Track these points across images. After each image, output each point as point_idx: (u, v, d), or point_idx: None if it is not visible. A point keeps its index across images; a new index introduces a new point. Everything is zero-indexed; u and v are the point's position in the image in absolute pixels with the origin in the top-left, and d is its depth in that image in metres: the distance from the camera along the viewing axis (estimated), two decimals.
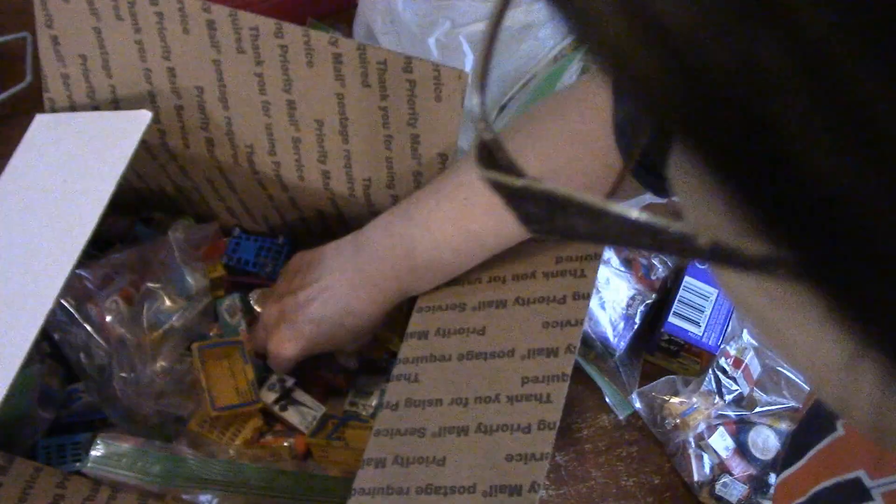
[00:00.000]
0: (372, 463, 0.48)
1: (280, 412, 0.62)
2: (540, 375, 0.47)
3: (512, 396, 0.47)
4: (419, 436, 0.48)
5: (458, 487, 0.44)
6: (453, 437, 0.47)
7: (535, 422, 0.45)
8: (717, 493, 0.63)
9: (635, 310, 0.68)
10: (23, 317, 0.50)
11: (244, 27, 0.52)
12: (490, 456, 0.45)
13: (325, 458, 0.59)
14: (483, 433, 0.46)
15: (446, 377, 0.50)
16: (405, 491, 0.46)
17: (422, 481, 0.46)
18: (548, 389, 0.46)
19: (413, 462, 0.47)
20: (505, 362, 0.49)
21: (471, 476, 0.44)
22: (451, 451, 0.46)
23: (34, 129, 0.59)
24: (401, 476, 0.47)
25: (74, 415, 0.60)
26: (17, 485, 0.47)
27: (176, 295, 0.62)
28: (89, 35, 0.57)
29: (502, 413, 0.47)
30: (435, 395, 0.50)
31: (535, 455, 0.43)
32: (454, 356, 0.51)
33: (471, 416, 0.47)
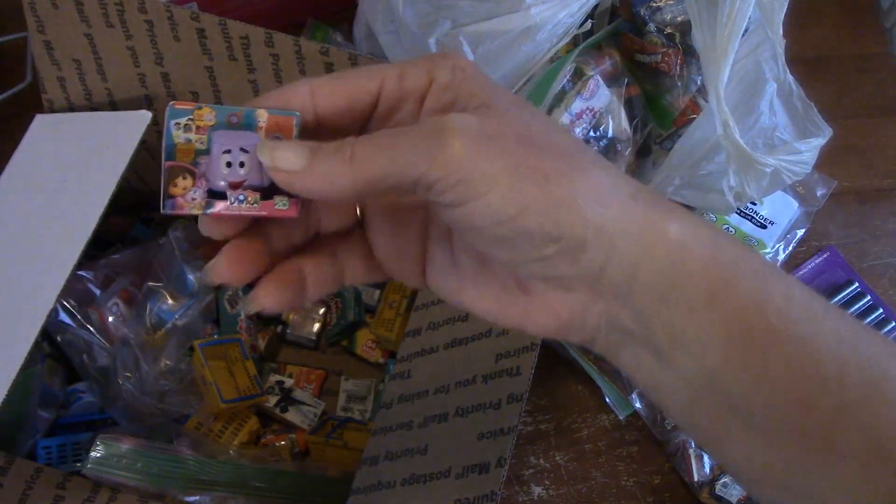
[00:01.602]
0: (368, 462, 0.49)
1: (281, 414, 0.62)
2: (511, 349, 0.47)
3: (486, 375, 0.47)
4: (407, 429, 0.49)
5: (436, 473, 0.44)
6: (435, 424, 0.47)
7: (504, 396, 0.45)
8: (717, 493, 0.63)
9: None
10: (23, 317, 0.50)
11: (234, 36, 0.52)
12: (465, 437, 0.45)
13: (322, 457, 0.59)
14: (460, 416, 0.46)
15: (433, 368, 0.51)
16: (392, 484, 0.46)
17: (406, 472, 0.46)
18: (518, 362, 0.46)
19: (400, 455, 0.47)
20: (482, 342, 0.49)
21: (448, 460, 0.44)
22: (433, 438, 0.47)
23: (34, 129, 0.59)
24: (390, 470, 0.47)
25: (74, 415, 0.61)
26: (17, 485, 0.47)
27: (178, 294, 0.63)
28: (81, 40, 0.57)
29: (477, 393, 0.46)
30: (423, 388, 0.50)
31: (504, 429, 0.43)
32: (441, 346, 0.51)
33: (451, 401, 0.47)
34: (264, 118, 0.28)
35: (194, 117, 0.28)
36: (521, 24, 0.65)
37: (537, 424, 0.68)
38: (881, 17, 0.94)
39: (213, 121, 0.28)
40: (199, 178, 0.28)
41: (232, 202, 0.28)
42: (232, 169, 0.28)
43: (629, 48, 0.75)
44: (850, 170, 0.82)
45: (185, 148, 0.28)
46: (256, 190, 0.29)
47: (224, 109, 0.28)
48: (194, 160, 0.28)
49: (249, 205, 0.28)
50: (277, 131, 0.28)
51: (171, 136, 0.28)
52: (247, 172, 0.28)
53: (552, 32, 0.67)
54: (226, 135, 0.28)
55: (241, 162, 0.28)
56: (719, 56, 0.67)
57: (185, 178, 0.28)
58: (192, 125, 0.28)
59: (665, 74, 0.74)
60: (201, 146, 0.28)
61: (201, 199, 0.28)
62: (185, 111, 0.28)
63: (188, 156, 0.28)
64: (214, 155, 0.28)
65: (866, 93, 0.87)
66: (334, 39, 0.81)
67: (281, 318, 0.68)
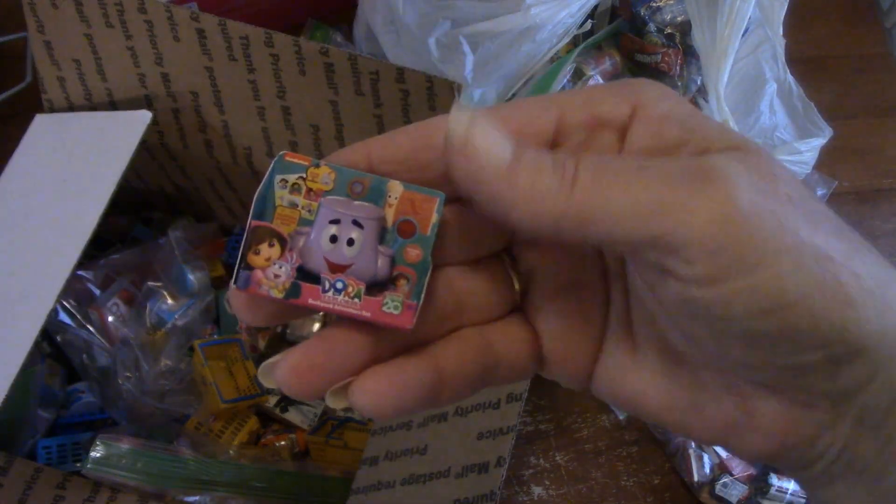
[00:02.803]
0: (367, 462, 0.49)
1: (281, 414, 0.62)
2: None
3: None
4: (407, 429, 0.48)
5: (436, 473, 0.44)
6: (434, 424, 0.47)
7: (504, 395, 0.44)
8: (717, 493, 0.63)
9: None
10: (23, 317, 0.50)
11: (234, 36, 0.52)
12: (465, 437, 0.45)
13: (322, 457, 0.59)
14: (460, 416, 0.46)
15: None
16: (392, 484, 0.46)
17: (406, 472, 0.46)
18: None
19: (400, 455, 0.47)
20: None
21: (447, 460, 0.44)
22: (432, 438, 0.47)
23: (34, 129, 0.59)
24: (389, 470, 0.47)
25: (75, 415, 0.60)
26: (17, 485, 0.47)
27: (178, 294, 0.63)
28: (81, 41, 0.57)
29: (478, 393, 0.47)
30: None
31: (503, 429, 0.43)
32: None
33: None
34: (397, 193, 0.22)
35: (307, 176, 0.22)
36: (521, 24, 0.65)
37: (537, 424, 0.67)
38: (881, 17, 0.94)
39: (329, 185, 0.22)
40: (291, 250, 0.22)
41: (326, 290, 0.22)
42: (336, 246, 0.22)
43: (629, 48, 0.75)
44: (850, 170, 0.82)
45: (286, 213, 0.22)
46: (362, 281, 0.22)
47: (346, 172, 0.22)
48: (295, 231, 0.22)
49: (348, 299, 0.22)
50: (411, 213, 0.22)
51: (272, 194, 0.22)
52: (355, 254, 0.22)
53: (552, 32, 0.67)
54: (339, 202, 0.22)
55: (351, 239, 0.22)
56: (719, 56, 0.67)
57: (272, 246, 0.22)
58: (303, 186, 0.22)
59: (665, 74, 0.74)
60: (308, 215, 0.22)
61: (286, 279, 0.22)
62: (298, 166, 0.22)
63: (290, 224, 0.22)
64: (318, 223, 0.22)
65: (866, 93, 0.87)
66: (334, 39, 0.81)
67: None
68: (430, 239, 0.22)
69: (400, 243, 0.22)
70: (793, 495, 0.62)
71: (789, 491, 0.62)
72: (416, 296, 0.22)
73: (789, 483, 0.63)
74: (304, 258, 0.22)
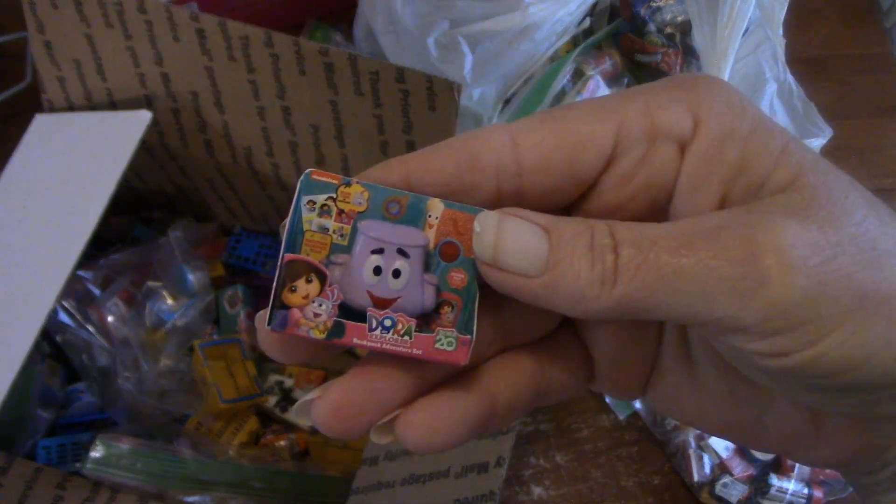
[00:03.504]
0: (367, 462, 0.49)
1: (281, 414, 0.62)
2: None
3: None
4: None
5: (435, 472, 0.44)
6: None
7: None
8: (717, 493, 0.63)
9: None
10: (23, 317, 0.50)
11: (234, 36, 0.52)
12: None
13: (322, 457, 0.59)
14: None
15: None
16: (391, 484, 0.46)
17: (406, 472, 0.46)
18: None
19: (399, 455, 0.47)
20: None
21: (446, 460, 0.44)
22: None
23: (34, 129, 0.59)
24: (389, 470, 0.47)
25: (74, 415, 0.60)
26: (17, 485, 0.47)
27: (178, 293, 0.63)
28: (81, 41, 0.57)
29: None
30: None
31: (502, 429, 0.43)
32: None
33: None
34: (438, 212, 0.20)
35: (338, 196, 0.20)
36: (519, 23, 0.65)
37: (537, 424, 0.67)
38: (881, 17, 0.94)
39: (363, 205, 0.20)
40: (331, 286, 0.20)
41: (373, 328, 0.20)
42: (381, 279, 0.20)
43: (629, 48, 0.75)
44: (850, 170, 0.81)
45: (317, 240, 0.20)
46: (412, 316, 0.20)
47: (381, 191, 0.20)
48: (327, 259, 0.20)
49: (398, 337, 0.20)
50: (454, 234, 0.20)
51: (299, 218, 0.20)
52: (402, 287, 0.20)
53: (551, 31, 0.67)
54: (379, 226, 0.20)
55: (397, 270, 0.20)
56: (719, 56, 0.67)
57: (310, 282, 0.20)
58: (333, 207, 0.20)
59: (665, 74, 0.74)
60: (341, 240, 0.20)
61: (327, 318, 0.20)
62: (327, 186, 0.20)
63: (320, 251, 0.20)
64: (358, 254, 0.20)
65: (866, 93, 0.87)
66: (334, 39, 0.81)
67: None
68: (474, 262, 0.20)
69: (443, 267, 0.20)
70: (793, 495, 0.62)
71: (789, 491, 0.62)
72: (464, 325, 0.20)
73: (789, 483, 0.63)
74: (345, 293, 0.20)
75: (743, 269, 0.17)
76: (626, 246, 0.18)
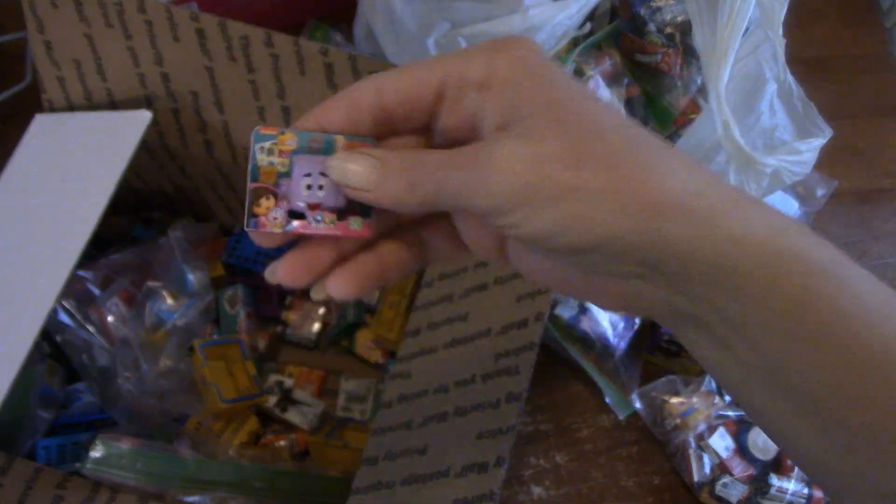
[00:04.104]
0: (368, 462, 0.49)
1: (281, 414, 0.62)
2: (511, 349, 0.47)
3: (486, 374, 0.47)
4: (407, 429, 0.48)
5: (436, 473, 0.44)
6: (434, 424, 0.47)
7: (503, 395, 0.45)
8: (717, 493, 0.63)
9: None
10: (23, 317, 0.50)
11: (234, 36, 0.52)
12: (465, 437, 0.45)
13: (322, 457, 0.59)
14: (459, 416, 0.46)
15: (433, 368, 0.51)
16: (391, 484, 0.46)
17: (406, 472, 0.46)
18: (517, 361, 0.46)
19: (399, 455, 0.47)
20: (482, 342, 0.49)
21: (446, 460, 0.44)
22: (432, 438, 0.46)
23: (34, 129, 0.59)
24: (389, 470, 0.47)
25: (74, 415, 0.60)
26: (17, 485, 0.47)
27: (178, 293, 0.63)
28: (81, 41, 0.57)
29: (477, 392, 0.46)
30: (422, 387, 0.50)
31: (502, 429, 0.43)
32: (440, 346, 0.51)
33: (450, 401, 0.47)
34: (342, 143, 0.30)
35: (277, 142, 0.30)
36: (519, 25, 0.65)
37: (537, 424, 0.68)
38: (881, 17, 0.94)
39: (294, 145, 0.30)
40: (281, 200, 0.30)
41: (310, 222, 0.30)
42: (311, 191, 0.30)
43: (629, 48, 0.75)
44: (850, 170, 0.82)
45: (268, 170, 0.29)
46: (332, 211, 0.30)
47: (304, 135, 0.30)
48: (276, 182, 0.30)
49: (326, 225, 0.30)
50: None
51: (255, 159, 0.29)
52: (325, 195, 0.30)
53: (551, 34, 0.67)
54: (306, 159, 0.30)
55: (320, 185, 0.30)
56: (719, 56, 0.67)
57: (268, 199, 0.30)
58: (276, 149, 0.30)
59: (665, 74, 0.74)
60: (283, 169, 0.30)
61: (282, 219, 0.30)
62: (269, 136, 0.30)
63: (271, 177, 0.30)
64: (295, 178, 0.30)
65: (866, 93, 0.87)
66: (334, 39, 0.81)
67: (281, 318, 0.68)
68: None
69: None
70: (793, 495, 0.62)
71: (789, 491, 0.62)
72: (366, 213, 0.31)
73: (789, 483, 0.63)
74: (290, 203, 0.30)
75: (478, 173, 0.27)
76: (417, 167, 0.29)
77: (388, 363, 0.66)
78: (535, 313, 0.47)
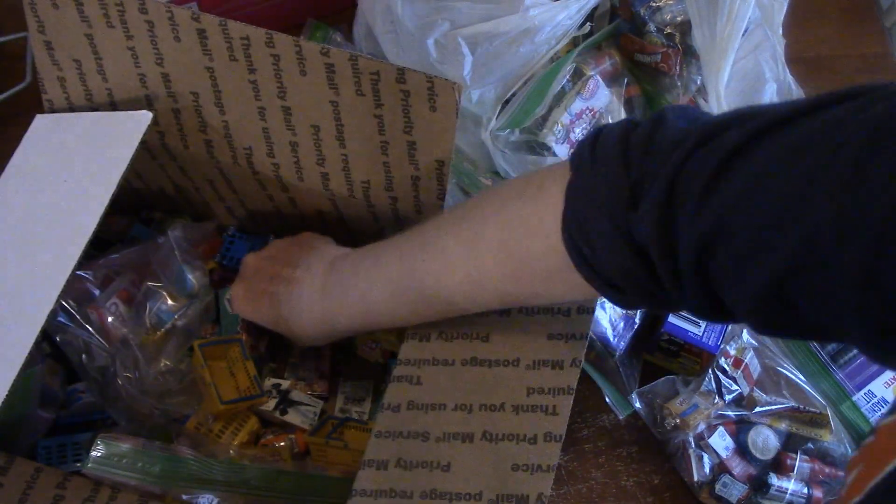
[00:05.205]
0: (373, 464, 0.48)
1: (281, 416, 0.62)
2: (545, 387, 0.48)
3: (517, 406, 0.48)
4: (423, 440, 0.48)
5: (465, 494, 0.45)
6: (458, 442, 0.47)
7: (541, 433, 0.46)
8: (717, 493, 0.63)
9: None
10: (23, 317, 0.50)
11: (235, 36, 0.52)
12: (496, 464, 0.45)
13: (322, 457, 0.59)
14: (488, 441, 0.47)
15: (449, 382, 0.50)
16: (408, 494, 0.46)
17: (426, 485, 0.46)
18: (553, 401, 0.47)
19: (416, 466, 0.47)
20: (509, 371, 0.49)
21: (477, 483, 0.45)
22: (456, 457, 0.47)
23: (34, 129, 0.59)
24: (404, 479, 0.47)
25: (75, 415, 0.60)
26: (18, 485, 0.47)
27: (177, 294, 0.63)
28: (82, 41, 0.57)
29: (508, 422, 0.47)
30: (438, 400, 0.50)
31: (542, 466, 0.44)
32: (457, 361, 0.51)
33: (476, 422, 0.48)
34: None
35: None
36: (519, 25, 0.65)
37: None
38: (881, 17, 0.94)
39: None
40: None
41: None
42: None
43: (629, 48, 0.75)
44: None
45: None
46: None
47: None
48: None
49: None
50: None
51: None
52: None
53: (551, 34, 0.67)
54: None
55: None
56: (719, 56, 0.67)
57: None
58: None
59: (665, 74, 0.74)
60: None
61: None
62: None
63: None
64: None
65: None
66: (334, 39, 0.81)
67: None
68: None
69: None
70: (793, 495, 0.63)
71: (789, 491, 0.62)
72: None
73: (789, 483, 0.63)
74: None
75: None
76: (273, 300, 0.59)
77: (388, 363, 0.66)
78: (571, 358, 0.49)
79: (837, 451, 0.65)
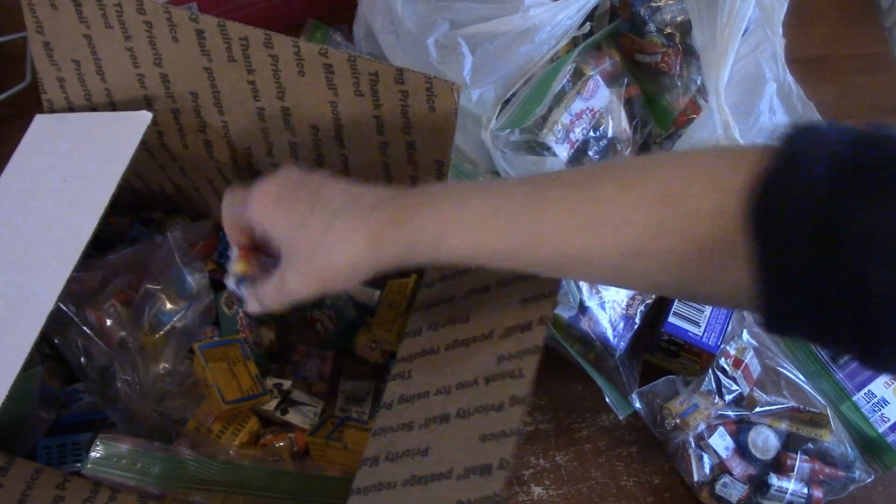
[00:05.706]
0: (368, 462, 0.49)
1: (282, 416, 0.62)
2: (514, 351, 0.46)
3: (488, 377, 0.46)
4: (408, 430, 0.48)
5: (437, 474, 0.44)
6: (436, 426, 0.47)
7: (506, 399, 0.44)
8: (717, 493, 0.63)
9: (635, 310, 0.68)
10: (23, 318, 0.50)
11: (234, 37, 0.52)
12: (467, 439, 0.44)
13: (322, 458, 0.59)
14: (462, 418, 0.46)
15: (433, 369, 0.50)
16: (392, 485, 0.46)
17: (407, 473, 0.46)
18: (520, 364, 0.45)
19: (401, 456, 0.47)
20: (484, 344, 0.49)
21: (448, 461, 0.44)
22: (434, 440, 0.46)
23: (34, 129, 0.59)
24: (390, 471, 0.47)
25: (75, 415, 0.60)
26: (17, 485, 0.47)
27: (176, 296, 0.62)
28: (81, 41, 0.57)
29: (480, 395, 0.46)
30: (423, 389, 0.50)
31: (506, 431, 0.43)
32: (441, 348, 0.51)
33: (452, 403, 0.47)
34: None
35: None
36: (519, 25, 0.65)
37: (537, 424, 0.68)
38: (881, 17, 0.94)
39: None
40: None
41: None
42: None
43: (629, 48, 0.75)
44: None
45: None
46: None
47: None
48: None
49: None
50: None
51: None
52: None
53: (551, 34, 0.67)
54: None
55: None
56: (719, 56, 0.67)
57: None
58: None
59: (665, 74, 0.74)
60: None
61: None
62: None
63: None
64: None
65: (866, 93, 0.87)
66: (334, 39, 0.81)
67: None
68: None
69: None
70: (792, 495, 0.62)
71: (789, 491, 0.62)
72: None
73: (789, 483, 0.63)
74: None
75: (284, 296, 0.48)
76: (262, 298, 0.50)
77: (388, 363, 0.66)
78: (538, 317, 0.47)
79: (837, 451, 0.65)
